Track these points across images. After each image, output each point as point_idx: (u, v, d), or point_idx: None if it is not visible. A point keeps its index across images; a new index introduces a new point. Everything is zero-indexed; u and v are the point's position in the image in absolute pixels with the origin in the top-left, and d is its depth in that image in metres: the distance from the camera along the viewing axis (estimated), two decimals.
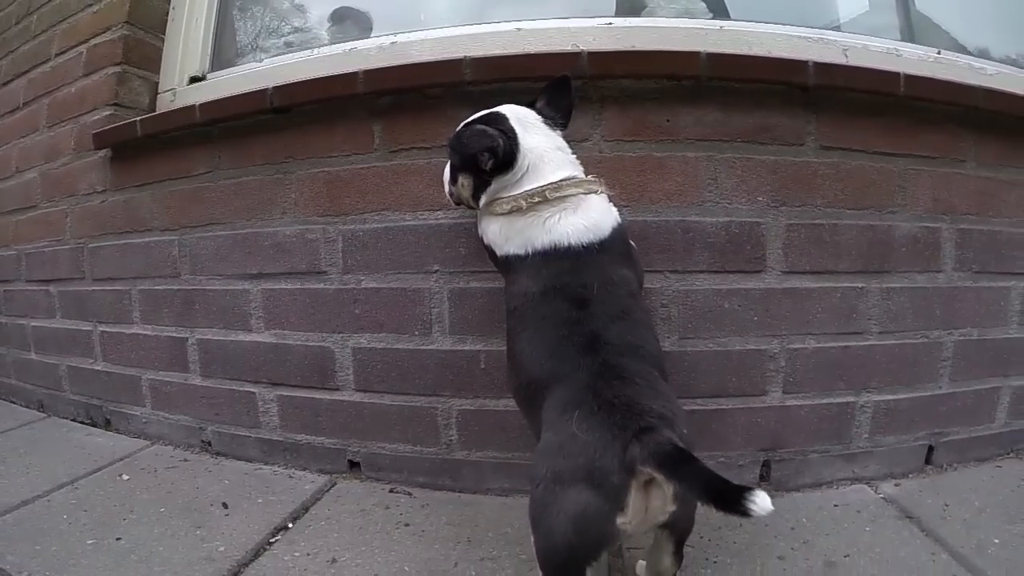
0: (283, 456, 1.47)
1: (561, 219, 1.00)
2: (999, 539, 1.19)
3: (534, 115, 1.07)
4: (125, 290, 1.69)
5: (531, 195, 1.01)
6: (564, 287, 0.97)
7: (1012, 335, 1.58)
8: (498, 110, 1.08)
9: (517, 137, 1.03)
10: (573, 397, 0.85)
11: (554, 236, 1.00)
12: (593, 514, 0.77)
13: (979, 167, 1.52)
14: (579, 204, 1.02)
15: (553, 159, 1.04)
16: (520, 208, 1.01)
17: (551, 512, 0.80)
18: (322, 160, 1.38)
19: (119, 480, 1.41)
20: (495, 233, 1.07)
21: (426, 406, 1.36)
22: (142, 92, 1.74)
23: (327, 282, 1.38)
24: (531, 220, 1.01)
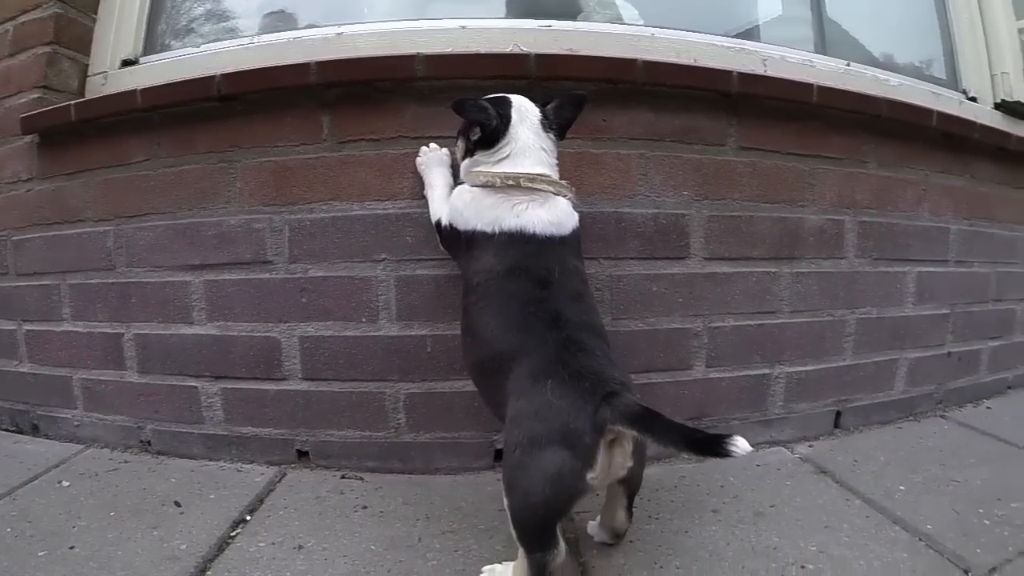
0: (229, 450, 1.43)
1: (529, 208, 1.06)
2: (904, 486, 1.35)
3: (537, 113, 1.13)
4: (54, 285, 1.58)
5: (507, 176, 1.07)
6: (528, 268, 1.03)
7: (907, 313, 1.77)
8: (508, 97, 1.13)
9: (509, 124, 1.09)
10: (544, 367, 0.90)
11: (522, 221, 1.05)
12: (568, 472, 0.83)
13: (879, 167, 1.68)
14: (547, 200, 1.08)
15: (535, 155, 1.10)
16: (493, 185, 1.07)
17: (528, 473, 0.85)
18: (269, 150, 1.36)
19: (60, 487, 1.32)
20: (464, 204, 1.11)
21: (374, 391, 1.36)
22: (72, 75, 1.62)
23: (273, 272, 1.36)
24: (500, 200, 1.07)
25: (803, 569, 1.02)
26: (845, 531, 1.15)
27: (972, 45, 1.92)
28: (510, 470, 0.89)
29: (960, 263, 1.85)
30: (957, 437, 1.65)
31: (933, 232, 1.79)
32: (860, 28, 2.03)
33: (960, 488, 1.33)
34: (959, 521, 1.19)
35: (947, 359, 1.85)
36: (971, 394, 1.92)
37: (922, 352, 1.80)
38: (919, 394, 1.80)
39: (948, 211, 1.81)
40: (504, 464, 0.91)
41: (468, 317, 1.07)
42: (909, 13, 2.12)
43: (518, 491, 0.87)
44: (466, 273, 1.10)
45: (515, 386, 0.93)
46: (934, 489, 1.33)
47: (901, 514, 1.21)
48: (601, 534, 1.07)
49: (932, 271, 1.80)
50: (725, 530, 1.15)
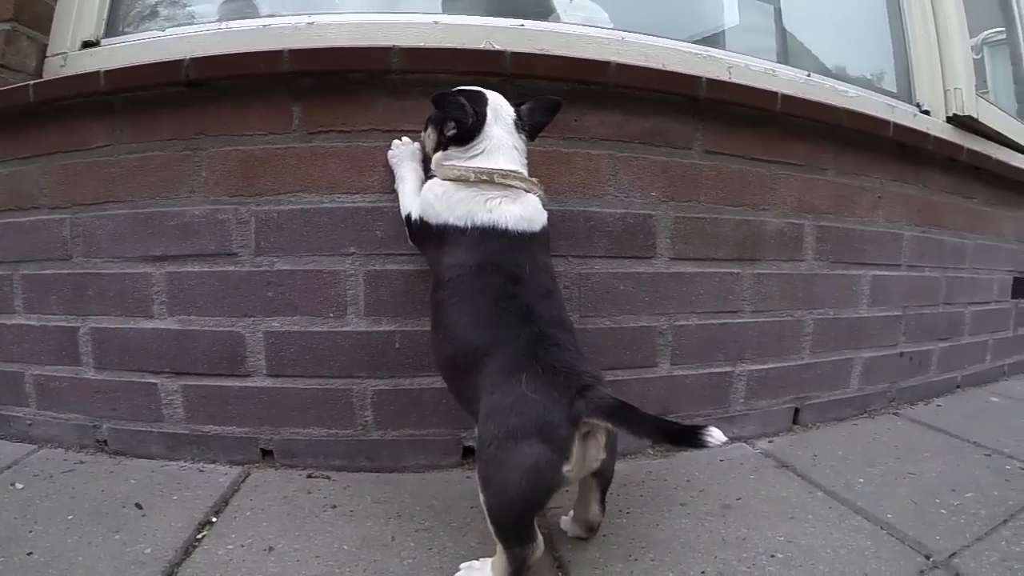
0: (190, 450, 1.37)
1: (501, 203, 1.06)
2: (863, 479, 1.39)
3: (512, 113, 1.14)
4: (6, 275, 1.49)
5: (480, 171, 1.07)
6: (500, 264, 1.03)
7: (862, 314, 1.82)
8: (485, 93, 1.13)
9: (485, 123, 1.09)
10: (518, 362, 0.91)
11: (494, 217, 1.05)
12: (545, 464, 0.83)
13: (837, 175, 1.73)
14: (519, 197, 1.09)
15: (508, 153, 1.11)
16: (466, 179, 1.07)
17: (505, 467, 0.85)
18: (236, 138, 1.31)
19: (13, 490, 1.24)
20: (436, 197, 1.10)
21: (341, 388, 1.33)
22: (30, 54, 1.54)
23: (238, 264, 1.31)
24: (473, 194, 1.06)
25: (773, 558, 1.04)
26: (810, 521, 1.18)
27: (927, 61, 1.99)
28: (486, 465, 0.88)
29: (912, 267, 1.92)
30: (910, 433, 1.71)
31: (887, 238, 1.85)
32: (817, 40, 2.09)
33: (916, 480, 1.38)
34: (917, 510, 1.24)
35: (899, 359, 1.92)
36: (922, 392, 2.00)
37: (876, 352, 1.86)
38: (873, 392, 1.86)
39: (902, 218, 1.88)
40: (479, 459, 0.90)
41: (439, 313, 1.06)
42: (865, 27, 2.19)
43: (495, 486, 0.86)
44: (436, 268, 1.09)
45: (488, 381, 0.93)
46: (892, 481, 1.37)
47: (862, 504, 1.25)
48: (575, 528, 1.07)
49: (886, 275, 1.86)
50: (695, 522, 1.16)
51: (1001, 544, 1.10)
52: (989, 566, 1.03)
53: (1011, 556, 1.06)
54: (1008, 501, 1.27)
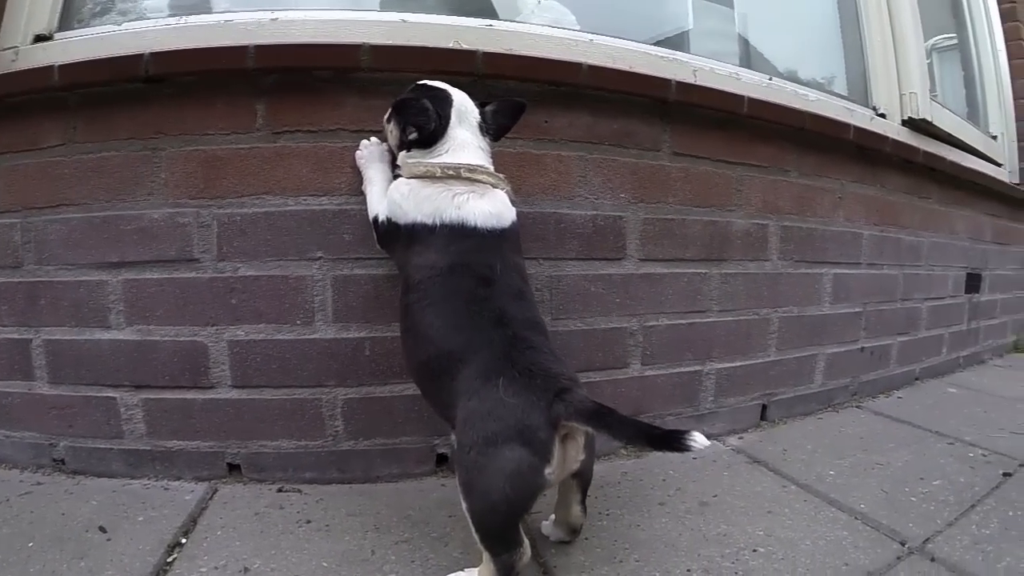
0: (153, 467, 1.30)
1: (469, 199, 1.04)
2: (833, 471, 1.42)
3: (476, 116, 1.12)
4: None
5: (446, 167, 1.05)
6: (471, 265, 1.01)
7: (825, 312, 1.86)
8: (449, 93, 1.10)
9: (448, 126, 1.07)
10: (494, 366, 0.89)
11: (463, 213, 1.03)
12: (526, 468, 0.82)
13: (800, 176, 1.76)
14: (487, 192, 1.07)
15: (473, 152, 1.09)
16: (433, 175, 1.05)
17: (487, 472, 0.83)
18: (197, 138, 1.25)
19: None
20: (402, 196, 1.07)
21: (310, 398, 1.28)
22: None
23: (200, 271, 1.25)
24: (440, 190, 1.04)
25: (755, 552, 1.05)
26: (787, 515, 1.20)
27: (884, 66, 2.04)
28: (467, 471, 0.86)
29: (871, 265, 1.97)
30: (874, 425, 1.76)
31: (848, 237, 1.89)
32: (773, 44, 2.12)
33: (884, 470, 1.42)
34: (888, 499, 1.27)
35: (861, 354, 1.96)
36: (883, 385, 2.05)
37: (838, 348, 1.89)
38: (836, 386, 1.90)
39: (861, 218, 1.92)
40: (459, 466, 0.88)
41: (410, 317, 1.03)
42: (821, 32, 2.23)
43: (477, 492, 0.84)
44: (406, 270, 1.06)
45: (464, 386, 0.91)
46: (861, 472, 1.41)
47: (835, 496, 1.28)
48: (557, 532, 1.06)
49: (847, 272, 1.90)
50: (675, 521, 1.17)
51: (971, 528, 1.15)
52: (962, 549, 1.07)
53: (982, 539, 1.10)
54: (974, 487, 1.32)
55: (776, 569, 1.00)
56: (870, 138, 1.85)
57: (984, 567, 1.01)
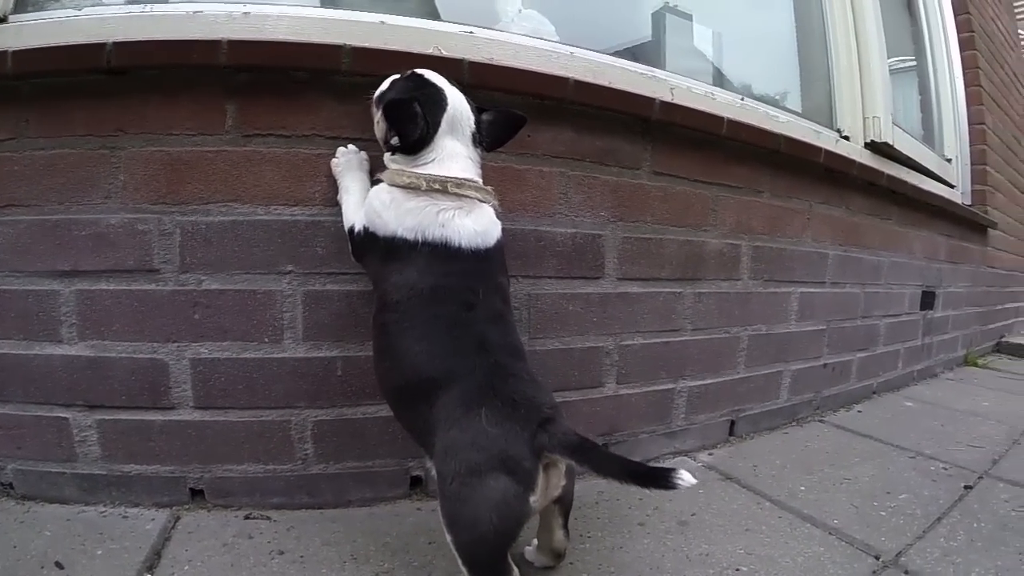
0: (109, 492, 1.19)
1: (455, 217, 0.98)
2: (804, 486, 1.43)
3: (471, 123, 1.04)
4: None
5: (433, 179, 0.98)
6: (453, 288, 0.96)
7: (791, 329, 1.88)
8: (445, 96, 1.02)
9: (436, 134, 1.00)
10: (475, 395, 0.86)
11: (447, 232, 0.97)
12: (512, 497, 0.80)
13: (772, 197, 1.77)
14: (473, 209, 1.01)
15: (462, 163, 1.02)
16: (418, 187, 0.97)
17: (471, 503, 0.81)
18: (160, 137, 1.14)
19: None
20: (383, 205, 1.00)
21: (278, 420, 1.20)
22: None
23: (161, 282, 1.15)
24: (424, 204, 0.97)
25: (738, 572, 1.05)
26: (764, 532, 1.20)
27: (849, 89, 2.08)
28: (451, 503, 0.83)
29: (835, 284, 2.01)
30: (838, 439, 1.79)
31: (814, 256, 1.92)
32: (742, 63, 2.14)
33: (852, 485, 1.44)
34: (859, 514, 1.29)
35: (823, 369, 2.00)
36: (843, 400, 2.10)
37: (803, 364, 1.92)
38: (800, 401, 1.93)
39: (827, 238, 1.95)
40: (442, 498, 0.85)
41: (386, 338, 0.98)
42: (790, 53, 2.25)
43: (463, 524, 0.82)
44: (383, 286, 1.00)
45: (444, 415, 0.87)
46: (830, 487, 1.42)
47: (808, 512, 1.29)
48: (541, 558, 1.02)
49: (812, 291, 1.93)
50: (656, 542, 1.15)
51: (940, 541, 1.18)
52: (934, 561, 1.10)
53: (951, 551, 1.14)
54: (939, 500, 1.36)
55: None
56: (839, 161, 1.89)
57: None
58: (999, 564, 1.09)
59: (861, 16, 2.08)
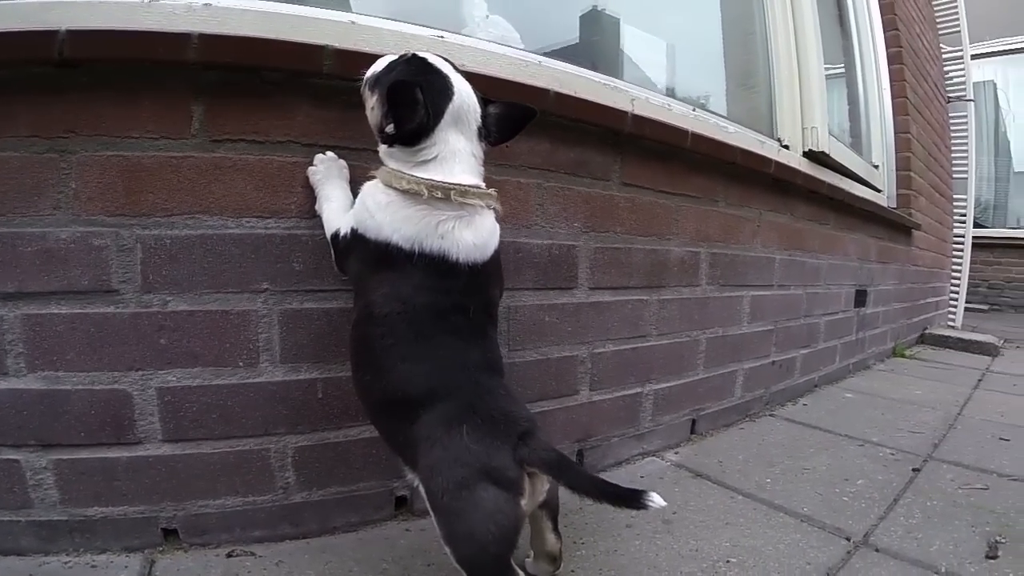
0: (71, 539, 1.04)
1: (455, 228, 0.91)
2: (769, 479, 1.50)
3: (478, 116, 0.96)
4: None
5: (435, 187, 0.90)
6: (445, 306, 0.91)
7: (744, 331, 1.96)
8: (451, 84, 0.93)
9: (437, 126, 0.91)
10: (457, 415, 0.86)
11: (445, 245, 0.90)
12: (504, 504, 0.81)
13: (727, 206, 1.84)
14: (474, 218, 0.93)
15: (466, 162, 0.94)
16: (419, 194, 0.89)
17: (466, 516, 0.81)
18: (118, 141, 1.01)
19: None
20: (378, 207, 0.92)
21: (256, 449, 1.11)
22: None
23: (120, 304, 1.02)
24: (423, 213, 0.90)
25: (728, 563, 1.10)
26: (743, 524, 1.25)
27: (789, 100, 2.17)
28: (446, 518, 0.83)
29: (781, 287, 2.11)
30: (790, 432, 1.88)
31: (763, 261, 2.01)
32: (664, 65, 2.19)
33: (812, 474, 1.52)
34: (824, 501, 1.37)
35: (772, 367, 2.10)
36: (790, 394, 2.21)
37: (754, 362, 2.01)
38: (752, 398, 2.02)
39: (774, 244, 2.05)
40: (436, 515, 0.84)
41: (370, 352, 0.93)
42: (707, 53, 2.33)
43: (462, 537, 0.81)
44: (369, 296, 0.93)
45: (426, 432, 0.86)
46: (794, 478, 1.50)
47: (779, 502, 1.36)
48: (540, 566, 1.01)
49: (762, 294, 2.02)
50: (647, 542, 1.17)
51: (900, 520, 1.28)
52: (898, 539, 1.20)
53: (912, 528, 1.24)
54: (892, 483, 1.46)
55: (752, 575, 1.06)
56: (786, 171, 1.98)
57: (920, 551, 1.15)
58: (955, 537, 1.20)
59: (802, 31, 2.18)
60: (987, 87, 6.12)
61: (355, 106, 1.06)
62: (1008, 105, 6.44)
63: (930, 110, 3.70)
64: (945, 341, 3.70)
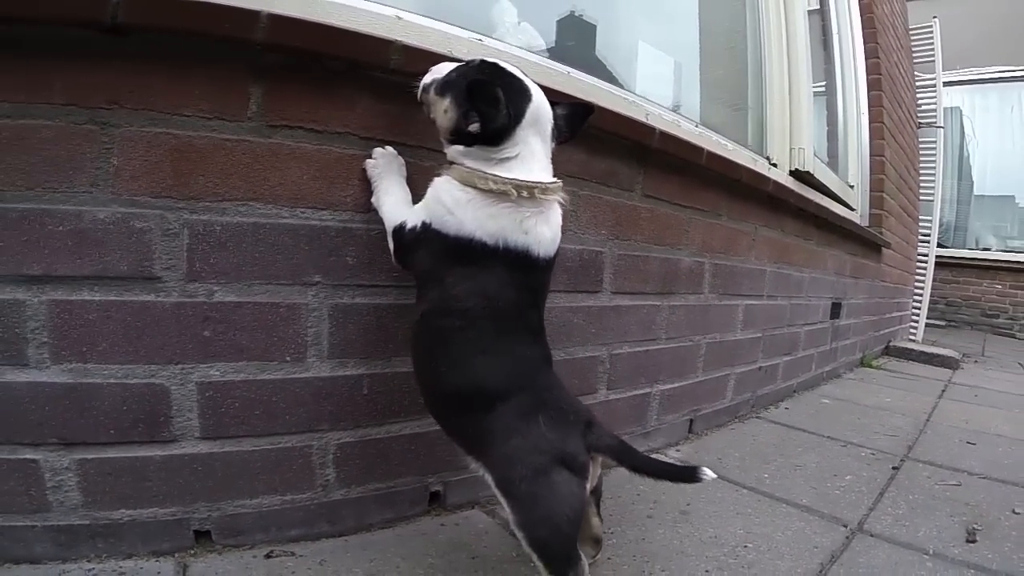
0: (93, 545, 0.91)
1: (537, 224, 0.90)
2: (766, 474, 1.54)
3: (551, 120, 0.94)
4: None
5: (523, 186, 0.87)
6: (522, 300, 0.91)
7: (738, 337, 2.00)
8: (528, 87, 0.91)
9: (518, 127, 0.88)
10: (532, 406, 0.87)
11: (528, 240, 0.89)
12: (576, 488, 0.84)
13: (729, 220, 1.87)
14: (550, 213, 0.92)
15: (543, 161, 0.93)
16: (508, 195, 0.86)
17: (546, 500, 0.83)
18: (167, 117, 0.90)
19: None
20: (457, 204, 0.88)
21: (298, 446, 1.03)
22: None
23: (162, 293, 0.91)
24: (507, 209, 0.88)
25: (746, 548, 1.15)
26: (752, 514, 1.30)
27: (780, 121, 2.22)
28: (522, 503, 0.83)
29: (770, 297, 2.17)
30: (777, 432, 1.93)
31: (756, 273, 2.05)
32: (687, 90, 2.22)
33: (804, 470, 1.58)
34: (819, 494, 1.42)
35: (758, 372, 2.15)
36: (772, 398, 2.27)
37: (744, 367, 2.06)
38: (740, 400, 2.06)
39: (766, 257, 2.10)
40: (511, 502, 0.85)
41: (447, 345, 0.90)
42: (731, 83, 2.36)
43: (538, 521, 0.83)
44: (448, 290, 0.89)
45: (502, 424, 0.87)
46: (789, 474, 1.55)
47: (780, 495, 1.40)
48: (584, 549, 0.98)
49: (754, 303, 2.07)
50: (670, 530, 1.20)
51: (888, 510, 1.36)
52: (889, 526, 1.28)
53: (900, 517, 1.32)
54: (876, 479, 1.54)
55: (768, 558, 1.11)
56: (782, 190, 2.04)
57: (910, 536, 1.23)
58: (938, 524, 1.29)
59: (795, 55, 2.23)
60: (954, 113, 6.25)
61: (410, 102, 1.00)
62: (973, 132, 6.62)
63: (903, 135, 3.82)
64: (909, 353, 3.79)
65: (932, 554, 1.15)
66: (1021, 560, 1.15)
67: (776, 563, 1.09)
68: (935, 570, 1.10)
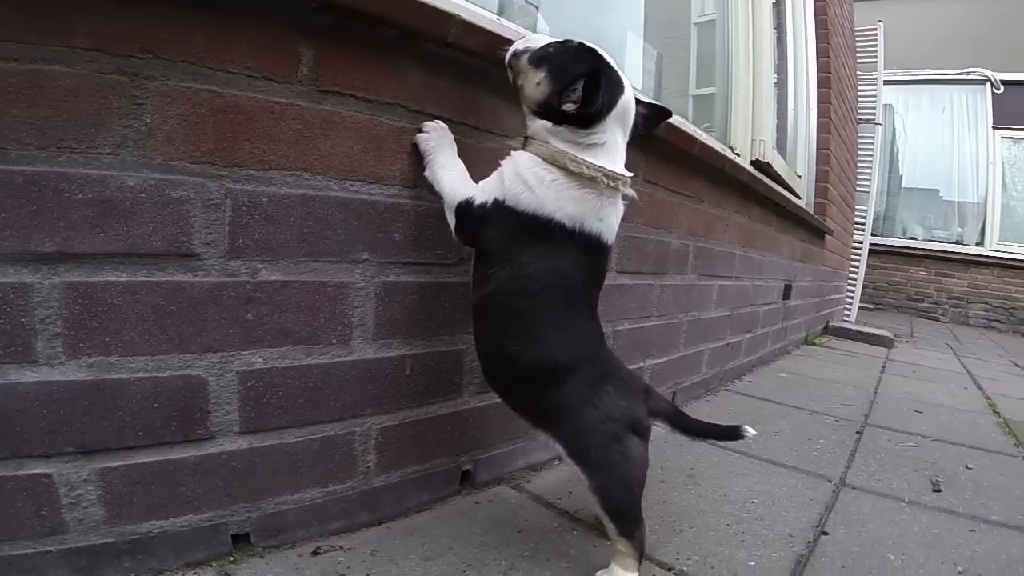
0: (118, 565, 0.77)
1: (610, 212, 0.90)
2: (752, 441, 1.60)
3: (634, 115, 0.91)
4: None
5: (610, 176, 0.86)
6: (588, 281, 0.92)
7: (712, 315, 2.07)
8: (622, 80, 0.88)
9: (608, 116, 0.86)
10: (600, 377, 0.89)
11: (602, 227, 0.89)
12: (643, 451, 0.88)
13: (709, 206, 1.91)
14: (618, 203, 0.92)
15: (622, 153, 0.91)
16: (598, 182, 0.85)
17: (623, 465, 0.85)
18: (210, 73, 0.76)
19: None
20: (539, 182, 0.85)
21: (341, 434, 0.94)
22: None
23: (200, 272, 0.78)
24: (588, 195, 0.86)
25: (754, 503, 1.22)
26: (750, 474, 1.38)
27: (744, 113, 2.28)
28: (599, 469, 0.85)
29: (738, 279, 2.26)
30: (748, 403, 2.03)
31: (728, 256, 2.13)
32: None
33: (782, 436, 1.68)
34: (801, 455, 1.53)
35: (727, 348, 2.24)
36: (736, 372, 2.38)
37: (715, 344, 2.14)
38: (712, 375, 2.14)
39: (737, 241, 2.18)
40: (587, 470, 0.86)
41: (520, 322, 0.87)
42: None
43: (615, 485, 0.85)
44: (520, 268, 0.86)
45: (573, 396, 0.87)
46: (770, 439, 1.64)
47: (768, 457, 1.49)
48: None
49: (725, 284, 2.15)
50: (684, 492, 1.25)
51: (862, 466, 1.48)
52: (866, 480, 1.40)
53: (873, 472, 1.45)
54: (845, 442, 1.66)
55: (775, 510, 1.19)
56: (752, 180, 2.10)
57: (885, 488, 1.35)
58: (906, 478, 1.42)
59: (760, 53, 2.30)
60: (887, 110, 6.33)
61: (464, 78, 0.94)
62: (903, 128, 6.93)
63: (846, 130, 4.03)
64: (848, 333, 3.94)
65: (908, 502, 1.28)
66: (981, 505, 1.29)
67: (783, 514, 1.17)
68: (914, 514, 1.22)
